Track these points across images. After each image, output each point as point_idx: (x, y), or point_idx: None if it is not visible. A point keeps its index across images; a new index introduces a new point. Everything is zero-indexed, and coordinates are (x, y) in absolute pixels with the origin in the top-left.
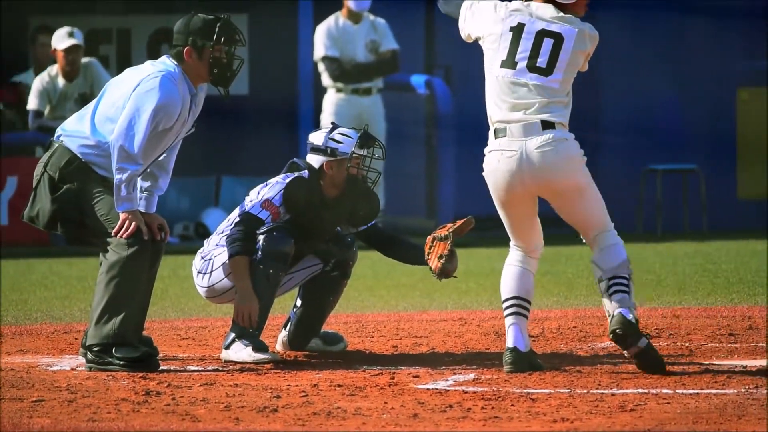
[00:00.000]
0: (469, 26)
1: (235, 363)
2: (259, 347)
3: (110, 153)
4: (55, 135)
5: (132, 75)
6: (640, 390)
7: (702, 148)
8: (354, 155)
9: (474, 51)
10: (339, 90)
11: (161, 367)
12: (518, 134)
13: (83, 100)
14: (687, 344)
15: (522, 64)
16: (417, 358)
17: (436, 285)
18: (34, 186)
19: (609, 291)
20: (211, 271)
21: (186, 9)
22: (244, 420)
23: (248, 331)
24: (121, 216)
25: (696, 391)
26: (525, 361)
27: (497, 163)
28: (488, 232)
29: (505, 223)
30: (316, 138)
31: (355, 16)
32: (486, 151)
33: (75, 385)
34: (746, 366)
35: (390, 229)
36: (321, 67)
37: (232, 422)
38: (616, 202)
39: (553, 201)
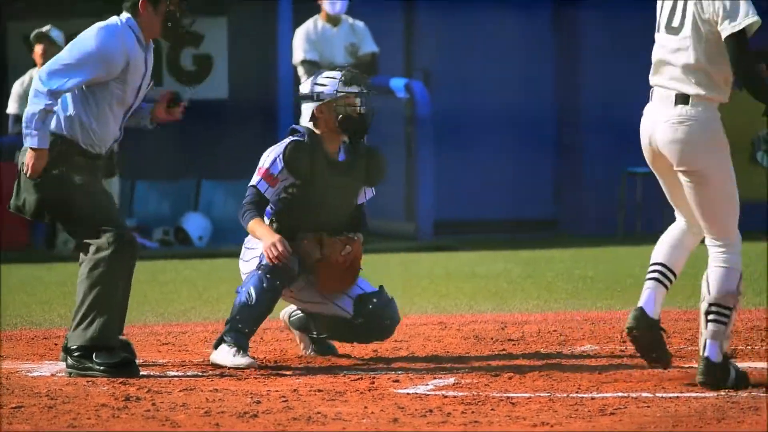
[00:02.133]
0: None
1: (215, 368)
2: (241, 347)
3: (82, 121)
4: None
5: None
6: (620, 394)
7: None
8: (339, 93)
9: (453, 54)
10: None
11: (141, 373)
12: None
13: None
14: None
15: None
16: (397, 363)
17: (416, 289)
18: (17, 175)
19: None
20: (247, 260)
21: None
22: (224, 425)
23: (239, 327)
24: (27, 154)
25: (676, 395)
26: (644, 326)
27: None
28: (468, 235)
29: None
30: (304, 87)
31: (333, 19)
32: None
33: (55, 390)
34: None
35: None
36: (300, 71)
37: (212, 427)
38: (596, 204)
39: None
